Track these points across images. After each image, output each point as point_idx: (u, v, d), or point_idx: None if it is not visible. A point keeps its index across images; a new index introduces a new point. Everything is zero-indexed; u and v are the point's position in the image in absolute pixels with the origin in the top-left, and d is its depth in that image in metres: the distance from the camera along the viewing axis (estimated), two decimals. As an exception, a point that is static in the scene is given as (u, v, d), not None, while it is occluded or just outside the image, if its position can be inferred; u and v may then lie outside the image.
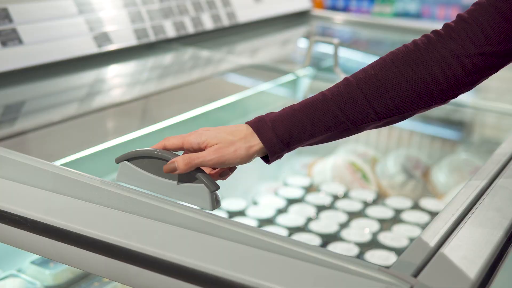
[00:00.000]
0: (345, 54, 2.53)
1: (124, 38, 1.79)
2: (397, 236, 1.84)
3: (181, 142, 0.93)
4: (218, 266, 0.81)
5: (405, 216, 1.98)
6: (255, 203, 2.07)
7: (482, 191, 1.07)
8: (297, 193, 2.13)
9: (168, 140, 0.94)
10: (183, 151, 0.96)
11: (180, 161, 0.89)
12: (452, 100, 0.99)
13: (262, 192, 2.25)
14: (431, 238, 0.91)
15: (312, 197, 2.10)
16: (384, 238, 1.83)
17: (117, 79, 1.82)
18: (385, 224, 1.95)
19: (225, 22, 2.17)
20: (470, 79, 0.96)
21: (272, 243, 0.85)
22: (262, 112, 0.98)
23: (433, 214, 1.98)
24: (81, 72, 1.71)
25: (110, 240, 0.89)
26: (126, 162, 0.97)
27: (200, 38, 2.09)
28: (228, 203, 2.06)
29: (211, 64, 2.11)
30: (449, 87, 0.96)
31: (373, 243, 1.81)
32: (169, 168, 0.90)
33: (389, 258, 1.71)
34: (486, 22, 0.94)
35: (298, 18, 2.57)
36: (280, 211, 2.01)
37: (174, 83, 1.92)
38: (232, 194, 2.24)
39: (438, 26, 1.01)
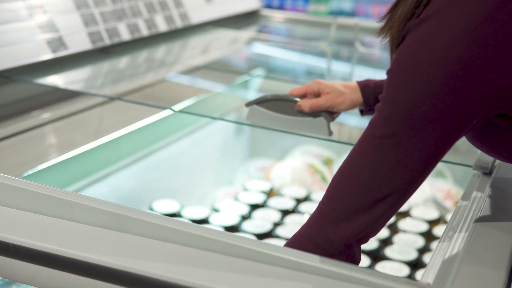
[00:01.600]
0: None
1: (78, 43, 1.69)
2: (366, 238, 1.81)
3: (304, 89, 1.23)
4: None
5: (370, 217, 1.96)
6: (216, 210, 2.01)
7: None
8: (258, 198, 2.08)
9: (295, 90, 1.24)
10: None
11: (305, 104, 1.21)
12: None
13: (220, 198, 2.19)
14: (450, 248, 0.87)
15: (274, 202, 2.05)
16: (354, 241, 1.80)
17: (74, 86, 1.72)
18: (352, 226, 1.92)
19: (178, 23, 2.09)
20: None
21: (290, 260, 0.79)
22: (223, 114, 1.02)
23: (397, 214, 1.97)
24: (36, 79, 1.60)
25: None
26: (255, 105, 1.26)
27: (155, 40, 2.01)
28: (189, 211, 1.98)
29: (165, 66, 2.03)
30: None
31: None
32: (298, 107, 1.22)
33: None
34: None
35: (248, 18, 2.53)
36: (244, 218, 1.95)
37: (129, 87, 1.84)
38: (189, 201, 2.17)
39: (373, 23, 1.01)
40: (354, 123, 2.46)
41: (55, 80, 1.68)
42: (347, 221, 0.86)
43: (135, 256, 0.81)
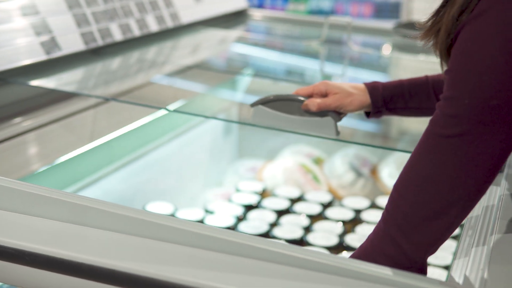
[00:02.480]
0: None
1: (72, 44, 1.66)
2: (363, 238, 1.81)
3: (311, 89, 1.22)
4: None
5: (365, 216, 1.96)
6: (211, 212, 1.98)
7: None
8: (252, 199, 2.07)
9: (301, 90, 1.23)
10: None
11: (312, 103, 1.20)
12: None
13: (212, 200, 2.17)
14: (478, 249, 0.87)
15: (268, 202, 2.04)
16: (351, 240, 1.80)
17: (68, 88, 1.68)
18: (347, 225, 1.92)
19: (169, 23, 2.07)
20: None
21: (320, 262, 0.78)
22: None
23: (392, 213, 1.97)
24: (30, 81, 1.56)
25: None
26: (261, 105, 1.24)
27: (146, 40, 1.98)
28: (183, 213, 1.96)
29: (157, 67, 2.01)
30: None
31: (341, 246, 1.78)
32: (305, 106, 1.20)
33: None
34: None
35: (236, 17, 2.51)
36: (239, 219, 1.94)
37: (122, 88, 1.81)
38: (180, 203, 2.15)
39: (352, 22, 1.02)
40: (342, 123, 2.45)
41: (49, 82, 1.65)
42: (419, 229, 0.83)
43: (164, 263, 0.78)
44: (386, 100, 1.20)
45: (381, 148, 2.45)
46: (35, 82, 1.57)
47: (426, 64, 2.29)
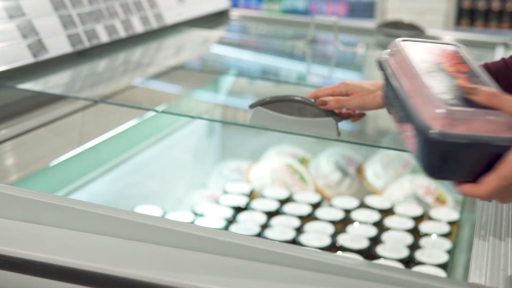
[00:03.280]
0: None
1: (59, 46, 1.63)
2: (355, 237, 1.81)
3: (331, 90, 1.17)
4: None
5: (355, 215, 1.95)
6: (199, 214, 1.96)
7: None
8: (240, 200, 2.05)
9: (320, 91, 1.18)
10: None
11: (333, 101, 1.15)
12: None
13: (198, 202, 2.14)
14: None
15: (257, 204, 2.02)
16: (344, 240, 1.80)
17: (56, 90, 1.65)
18: (338, 225, 1.91)
19: (154, 24, 2.04)
20: None
21: (345, 267, 0.77)
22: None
23: (382, 212, 1.97)
24: (18, 84, 1.52)
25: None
26: (260, 107, 1.21)
27: (132, 42, 1.95)
28: (172, 217, 1.93)
29: (141, 68, 1.98)
30: None
31: (334, 247, 1.77)
32: (321, 102, 1.16)
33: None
34: None
35: (219, 17, 2.49)
36: (229, 221, 1.92)
37: (109, 91, 1.78)
38: (166, 206, 2.12)
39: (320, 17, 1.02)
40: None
41: (36, 85, 1.61)
42: None
43: (186, 271, 0.77)
44: None
45: (366, 146, 2.44)
46: (22, 85, 1.53)
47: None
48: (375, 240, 1.82)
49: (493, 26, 5.05)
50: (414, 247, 1.78)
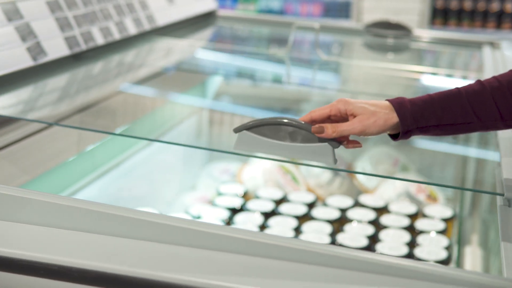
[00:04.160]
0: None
1: (57, 49, 1.61)
2: (354, 236, 1.82)
3: (328, 110, 1.06)
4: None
5: (351, 214, 1.97)
6: (197, 217, 1.95)
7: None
8: (235, 202, 2.05)
9: (315, 112, 1.06)
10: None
11: (329, 128, 1.03)
12: None
13: (190, 204, 2.13)
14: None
15: (253, 205, 2.02)
16: (343, 239, 1.81)
17: (54, 95, 1.63)
18: (335, 224, 1.92)
19: (146, 26, 2.03)
20: None
21: (383, 265, 0.77)
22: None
23: (377, 210, 1.99)
24: (18, 89, 1.50)
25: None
26: (245, 131, 1.07)
27: (125, 44, 1.94)
28: (169, 219, 1.92)
29: (133, 71, 1.97)
30: None
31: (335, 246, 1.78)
32: (317, 130, 1.03)
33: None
34: None
35: (206, 18, 2.48)
36: (227, 223, 1.91)
37: (104, 94, 1.77)
38: (158, 209, 2.11)
39: (301, 21, 1.03)
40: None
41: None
42: None
43: (216, 272, 0.76)
44: (416, 117, 1.05)
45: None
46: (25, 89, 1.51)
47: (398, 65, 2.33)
48: (373, 239, 1.83)
49: (465, 25, 5.14)
50: (412, 244, 1.80)
